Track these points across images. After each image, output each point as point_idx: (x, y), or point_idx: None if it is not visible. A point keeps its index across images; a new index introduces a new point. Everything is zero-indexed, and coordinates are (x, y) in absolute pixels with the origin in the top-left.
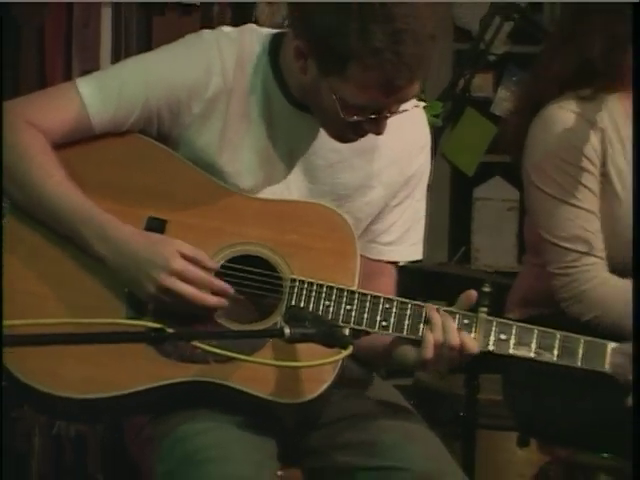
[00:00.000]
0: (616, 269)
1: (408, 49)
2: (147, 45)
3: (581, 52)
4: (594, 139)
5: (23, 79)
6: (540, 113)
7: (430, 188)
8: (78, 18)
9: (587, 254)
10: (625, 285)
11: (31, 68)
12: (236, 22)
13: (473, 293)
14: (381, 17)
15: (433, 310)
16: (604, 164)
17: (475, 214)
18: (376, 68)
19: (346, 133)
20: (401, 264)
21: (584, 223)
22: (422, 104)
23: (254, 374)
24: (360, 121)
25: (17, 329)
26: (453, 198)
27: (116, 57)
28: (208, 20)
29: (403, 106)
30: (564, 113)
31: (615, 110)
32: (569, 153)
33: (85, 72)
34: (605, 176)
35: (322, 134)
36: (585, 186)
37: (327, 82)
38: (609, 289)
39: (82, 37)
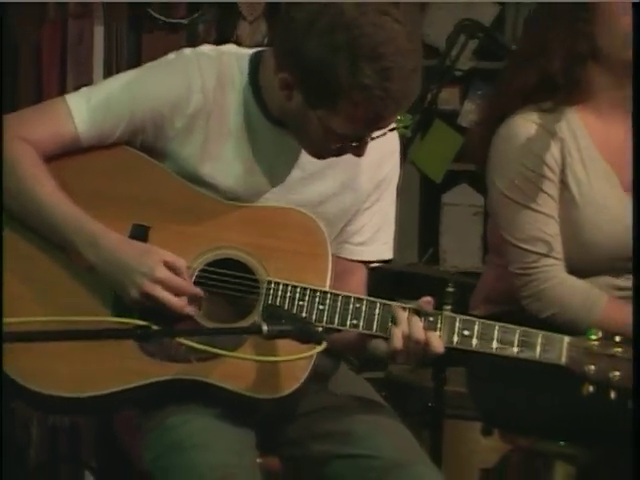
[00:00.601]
0: (574, 270)
1: (395, 85)
2: (137, 61)
3: (542, 68)
4: (554, 148)
5: (22, 93)
6: (504, 124)
7: (401, 194)
8: (72, 36)
9: (546, 255)
10: (581, 285)
11: (29, 83)
12: (220, 40)
13: (429, 300)
14: (370, 55)
15: (399, 308)
16: (563, 172)
17: (443, 218)
18: (365, 103)
19: (326, 154)
20: (373, 264)
21: (543, 226)
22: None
23: (234, 371)
24: (342, 147)
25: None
26: (422, 203)
27: (108, 72)
28: (194, 38)
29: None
30: (526, 124)
31: (574, 122)
32: (530, 161)
33: (79, 86)
34: (564, 183)
35: (293, 149)
36: (545, 192)
37: (314, 113)
38: (566, 289)
39: (76, 53)
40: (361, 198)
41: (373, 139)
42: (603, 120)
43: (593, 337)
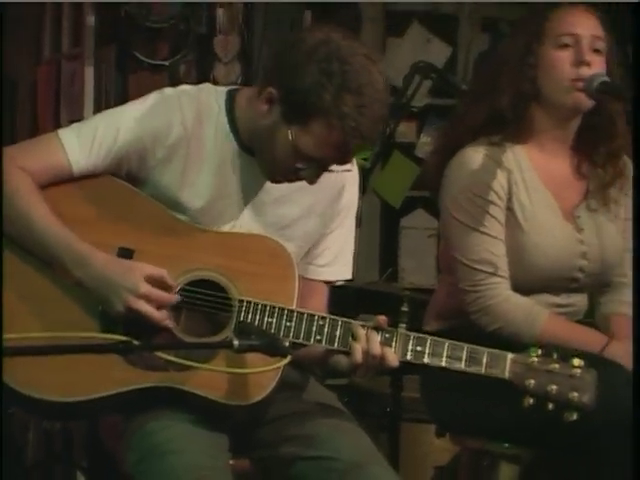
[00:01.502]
0: (518, 288)
1: (366, 122)
2: (124, 99)
3: (491, 105)
4: (501, 177)
5: (20, 127)
6: (456, 155)
7: (363, 218)
8: (66, 75)
9: (493, 274)
10: (524, 302)
11: (26, 117)
12: (198, 80)
13: (384, 319)
14: (354, 89)
15: (358, 326)
16: (510, 199)
17: (401, 240)
18: (337, 129)
19: (282, 176)
20: (338, 284)
21: (491, 248)
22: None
23: (208, 380)
24: (301, 168)
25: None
26: (383, 227)
27: (97, 109)
28: (175, 78)
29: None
30: (476, 155)
31: (520, 155)
32: (480, 188)
33: (72, 121)
34: (510, 210)
35: (263, 176)
36: (492, 216)
37: (289, 129)
38: (510, 305)
39: (69, 91)
40: (324, 224)
41: (329, 171)
42: (546, 154)
43: (534, 354)
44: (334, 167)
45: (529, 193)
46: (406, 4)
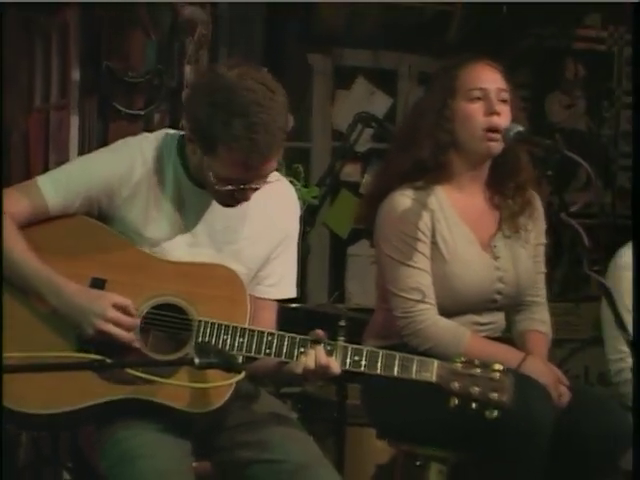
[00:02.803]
0: (445, 311)
1: (260, 137)
2: (105, 144)
3: (414, 155)
4: (425, 217)
5: (13, 170)
6: (386, 199)
7: (314, 247)
8: (54, 123)
9: (421, 302)
10: (449, 325)
11: (19, 160)
12: (170, 127)
13: (321, 332)
14: (240, 112)
15: (307, 340)
16: (434, 236)
17: (348, 266)
18: (237, 150)
19: (225, 200)
20: (291, 305)
21: (418, 279)
22: (279, 177)
23: (172, 392)
24: (232, 190)
25: None
26: (332, 255)
27: (82, 152)
28: (150, 126)
29: (270, 179)
30: (403, 198)
31: (441, 196)
32: (407, 227)
33: (59, 163)
34: (435, 244)
35: (215, 207)
36: (419, 251)
37: (205, 160)
38: (438, 328)
39: (57, 137)
40: (270, 249)
41: (258, 187)
42: (464, 193)
43: (457, 361)
44: (273, 192)
45: (450, 229)
46: (352, 60)
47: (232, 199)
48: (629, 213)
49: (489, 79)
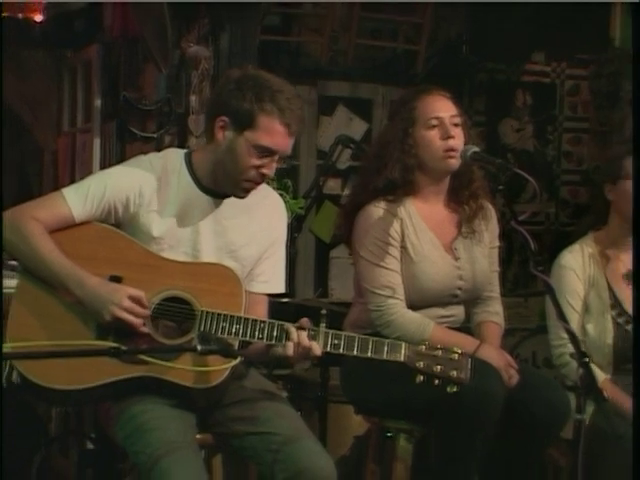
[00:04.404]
0: (414, 305)
1: (292, 107)
2: (122, 162)
3: (386, 176)
4: (396, 225)
5: (44, 184)
6: (362, 210)
7: (301, 250)
8: (79, 144)
9: (391, 297)
10: (416, 316)
11: (49, 176)
12: (180, 147)
13: (307, 320)
14: (274, 90)
15: (292, 327)
16: (403, 240)
17: (331, 267)
18: (276, 116)
19: (248, 182)
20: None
21: (390, 278)
22: (271, 190)
23: (179, 371)
24: (260, 165)
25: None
26: (317, 257)
27: (103, 169)
28: (161, 147)
29: (265, 194)
30: (377, 209)
31: (410, 207)
32: (380, 234)
33: (83, 178)
34: (404, 248)
35: (218, 211)
36: (390, 254)
37: (243, 137)
38: (406, 319)
39: (81, 157)
40: (263, 250)
41: (279, 161)
42: (428, 204)
43: (422, 345)
44: (266, 203)
45: (417, 235)
46: (334, 90)
47: (251, 183)
48: (569, 221)
49: (442, 108)
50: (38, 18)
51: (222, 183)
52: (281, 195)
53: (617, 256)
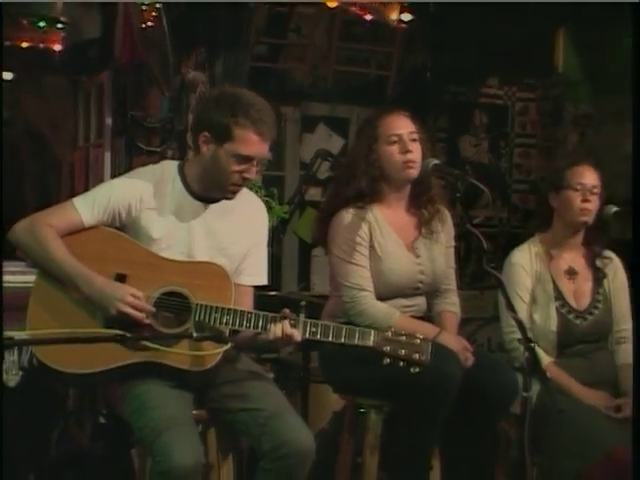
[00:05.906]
0: (382, 296)
1: (264, 117)
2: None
3: (354, 187)
4: (365, 227)
5: (62, 193)
6: (335, 216)
7: (286, 249)
8: (92, 158)
9: (362, 290)
10: (383, 307)
11: (67, 187)
12: (180, 159)
13: (288, 311)
14: (247, 104)
15: (275, 316)
16: (371, 240)
17: (313, 264)
18: (249, 127)
19: (234, 186)
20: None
21: (360, 273)
22: (255, 197)
23: (177, 356)
24: (241, 172)
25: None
26: (300, 255)
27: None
28: (164, 159)
29: (248, 199)
30: (348, 215)
31: (376, 213)
32: (351, 234)
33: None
34: (372, 247)
35: (207, 214)
36: (360, 253)
37: (223, 149)
38: (375, 309)
39: (95, 169)
40: (248, 247)
41: (257, 166)
42: (392, 209)
43: (388, 332)
44: (250, 207)
45: (383, 236)
46: (315, 110)
47: (236, 186)
48: (519, 225)
49: (402, 126)
50: (57, 48)
51: (210, 189)
52: (268, 202)
53: (560, 255)
